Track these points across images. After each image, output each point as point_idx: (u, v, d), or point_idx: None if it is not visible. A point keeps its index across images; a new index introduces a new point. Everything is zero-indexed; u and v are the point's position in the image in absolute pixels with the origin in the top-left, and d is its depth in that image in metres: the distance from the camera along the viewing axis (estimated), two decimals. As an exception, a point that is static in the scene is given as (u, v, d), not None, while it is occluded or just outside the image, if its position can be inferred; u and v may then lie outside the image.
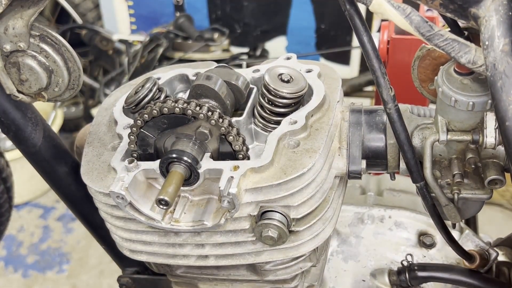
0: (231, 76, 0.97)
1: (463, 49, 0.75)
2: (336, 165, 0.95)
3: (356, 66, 3.73)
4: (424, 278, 1.32)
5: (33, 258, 3.17)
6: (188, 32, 3.60)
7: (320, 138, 0.92)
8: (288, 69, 0.98)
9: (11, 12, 0.92)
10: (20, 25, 0.92)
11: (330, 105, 0.99)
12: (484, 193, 0.92)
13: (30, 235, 3.32)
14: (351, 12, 0.80)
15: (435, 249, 1.44)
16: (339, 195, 0.99)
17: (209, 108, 0.88)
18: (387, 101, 0.84)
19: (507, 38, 0.68)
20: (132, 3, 3.83)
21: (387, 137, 0.97)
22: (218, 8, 3.82)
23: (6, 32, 0.92)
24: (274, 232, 0.87)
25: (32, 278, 3.06)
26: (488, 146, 0.84)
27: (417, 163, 0.90)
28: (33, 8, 0.93)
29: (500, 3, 0.69)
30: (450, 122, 0.89)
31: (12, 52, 0.94)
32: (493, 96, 0.69)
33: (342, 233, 1.49)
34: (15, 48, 0.94)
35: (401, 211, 1.51)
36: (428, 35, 0.75)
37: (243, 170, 0.85)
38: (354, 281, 1.40)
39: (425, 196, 0.93)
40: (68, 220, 3.38)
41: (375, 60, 0.82)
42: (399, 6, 0.75)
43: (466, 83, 0.86)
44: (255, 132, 1.00)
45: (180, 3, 3.60)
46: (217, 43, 3.55)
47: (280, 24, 3.77)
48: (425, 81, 1.01)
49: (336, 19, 3.62)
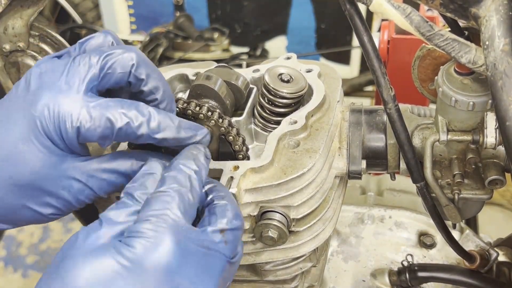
0: (231, 76, 0.97)
1: (464, 49, 0.75)
2: (336, 165, 0.95)
3: (356, 66, 3.73)
4: (424, 278, 1.31)
5: (33, 258, 3.17)
6: (188, 32, 3.60)
7: (320, 138, 0.91)
8: (288, 69, 0.98)
9: (11, 12, 0.92)
10: (19, 25, 0.92)
11: (330, 105, 0.98)
12: (484, 193, 0.92)
13: (30, 235, 3.32)
14: (351, 11, 0.79)
15: (435, 249, 1.44)
16: (339, 195, 0.99)
17: (209, 108, 0.88)
18: (387, 101, 0.84)
19: (508, 38, 0.68)
20: (132, 3, 3.83)
21: (387, 137, 0.97)
22: (218, 8, 3.82)
23: (5, 32, 0.92)
24: (274, 232, 0.86)
25: (32, 278, 3.06)
26: (489, 146, 0.84)
27: (417, 163, 0.90)
28: (32, 8, 0.93)
29: (500, 3, 0.69)
30: (450, 122, 0.89)
31: (11, 52, 0.94)
32: (494, 96, 0.69)
33: (342, 233, 1.49)
34: (15, 48, 0.94)
35: (401, 211, 1.51)
36: (428, 35, 0.75)
37: (243, 170, 0.85)
38: (354, 281, 1.40)
39: (426, 196, 0.93)
40: (68, 220, 3.38)
41: (375, 60, 0.82)
42: (399, 6, 0.75)
43: (466, 83, 0.86)
44: (255, 132, 1.00)
45: (180, 2, 3.59)
46: (217, 43, 3.55)
47: (280, 24, 3.77)
48: (425, 81, 1.01)
49: (336, 19, 3.62)
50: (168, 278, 0.62)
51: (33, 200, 0.76)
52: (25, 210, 0.76)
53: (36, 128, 0.72)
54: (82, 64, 0.74)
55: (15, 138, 0.72)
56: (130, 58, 0.75)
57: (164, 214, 0.65)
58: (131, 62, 0.75)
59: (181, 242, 0.64)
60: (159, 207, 0.66)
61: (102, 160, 0.78)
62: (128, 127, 0.73)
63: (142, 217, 0.65)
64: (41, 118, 0.72)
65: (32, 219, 0.78)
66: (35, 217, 0.78)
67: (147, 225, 0.63)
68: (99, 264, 0.61)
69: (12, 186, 0.74)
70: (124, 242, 0.63)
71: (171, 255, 0.63)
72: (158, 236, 0.63)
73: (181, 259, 0.63)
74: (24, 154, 0.73)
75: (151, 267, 0.62)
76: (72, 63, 0.75)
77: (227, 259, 0.69)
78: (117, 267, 0.61)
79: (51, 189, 0.75)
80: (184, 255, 0.64)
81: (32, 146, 0.73)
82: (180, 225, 0.65)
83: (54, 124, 0.72)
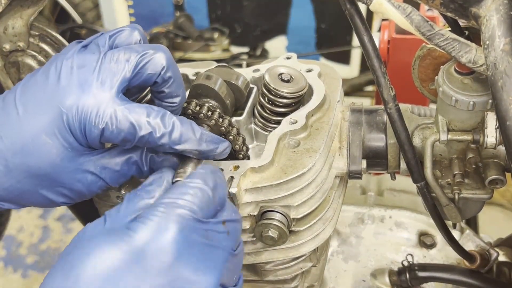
0: (231, 76, 0.97)
1: (464, 49, 0.75)
2: (337, 165, 0.95)
3: (356, 65, 3.73)
4: (424, 278, 1.32)
5: (33, 258, 3.17)
6: (188, 31, 3.60)
7: (321, 138, 0.91)
8: (288, 69, 0.98)
9: (11, 11, 0.92)
10: (19, 25, 0.92)
11: (330, 105, 0.98)
12: (484, 193, 0.92)
13: (29, 235, 3.32)
14: (352, 11, 0.79)
15: (435, 249, 1.44)
16: (339, 195, 0.98)
17: (209, 108, 0.88)
18: (388, 101, 0.84)
19: (508, 38, 0.68)
20: (132, 3, 3.83)
21: (388, 137, 0.97)
22: (218, 8, 3.82)
23: (5, 31, 0.92)
24: (274, 232, 0.86)
25: (32, 278, 3.06)
26: (489, 145, 0.84)
27: (418, 163, 0.90)
28: (32, 8, 0.93)
29: (500, 3, 0.69)
30: (450, 122, 0.89)
31: (11, 52, 0.94)
32: (494, 95, 0.69)
33: (343, 233, 1.49)
34: (15, 48, 0.94)
35: (401, 211, 1.51)
36: (428, 34, 0.75)
37: (243, 170, 0.85)
38: (354, 281, 1.40)
39: (426, 196, 0.93)
40: (67, 220, 3.38)
41: (376, 59, 0.82)
42: (400, 6, 0.75)
43: (466, 83, 0.86)
44: (255, 131, 1.00)
45: (180, 2, 3.59)
46: (217, 43, 3.55)
47: (280, 24, 3.77)
48: (426, 81, 1.01)
49: (336, 19, 3.62)
50: (171, 266, 0.62)
51: (48, 188, 0.77)
52: (38, 195, 0.77)
53: (61, 123, 0.73)
54: (114, 62, 0.75)
55: (39, 129, 0.73)
56: (161, 60, 0.76)
57: (176, 202, 0.66)
58: (162, 64, 0.76)
59: (186, 232, 0.64)
60: (174, 196, 0.67)
61: (115, 152, 0.79)
62: (150, 136, 0.74)
63: (155, 204, 0.66)
64: (68, 114, 0.73)
65: (42, 204, 0.79)
66: (46, 203, 0.79)
67: (155, 211, 0.64)
68: (103, 253, 0.61)
69: (29, 174, 0.75)
70: (129, 228, 0.63)
71: (175, 243, 0.63)
72: (163, 223, 0.64)
73: (183, 248, 0.64)
74: (45, 146, 0.73)
75: (153, 255, 0.62)
76: (103, 59, 0.75)
77: (230, 250, 0.69)
78: (119, 255, 0.61)
79: (66, 181, 0.77)
80: (187, 245, 0.64)
81: (54, 140, 0.73)
82: (189, 215, 0.66)
83: (80, 122, 0.73)
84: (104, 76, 0.74)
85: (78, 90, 0.73)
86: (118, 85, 0.74)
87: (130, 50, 0.76)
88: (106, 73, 0.74)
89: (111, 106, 0.73)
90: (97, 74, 0.74)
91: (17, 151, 0.73)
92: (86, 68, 0.74)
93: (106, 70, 0.74)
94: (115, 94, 0.74)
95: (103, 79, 0.74)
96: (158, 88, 0.79)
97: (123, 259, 0.61)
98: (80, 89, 0.73)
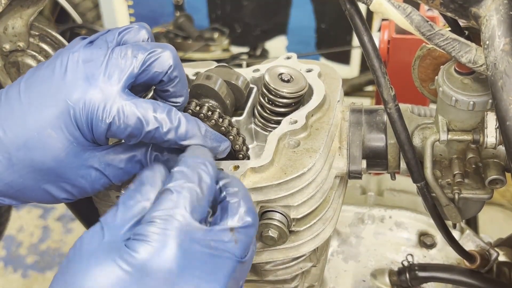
0: (231, 76, 0.97)
1: (464, 49, 0.75)
2: (337, 165, 0.95)
3: (356, 65, 3.73)
4: (424, 278, 1.32)
5: (33, 258, 3.17)
6: (188, 31, 3.60)
7: (321, 138, 0.91)
8: (288, 69, 0.98)
9: (11, 11, 0.92)
10: (19, 25, 0.92)
11: (330, 105, 0.98)
12: (484, 193, 0.92)
13: (29, 235, 3.32)
14: (352, 11, 0.79)
15: (435, 249, 1.44)
16: (340, 195, 0.98)
17: (209, 108, 0.88)
18: (388, 101, 0.84)
19: (508, 38, 0.68)
20: (132, 3, 3.83)
21: (388, 137, 0.97)
22: (218, 8, 3.82)
23: (5, 31, 0.92)
24: (274, 232, 0.86)
25: (32, 278, 3.06)
26: (489, 145, 0.84)
27: (418, 163, 0.90)
28: (32, 8, 0.93)
29: (500, 3, 0.69)
30: (450, 122, 0.89)
31: (11, 52, 0.94)
32: (494, 95, 0.69)
33: (343, 233, 1.49)
34: (15, 48, 0.94)
35: (401, 211, 1.51)
36: (428, 34, 0.75)
37: (243, 170, 0.85)
38: (354, 281, 1.40)
39: (426, 196, 0.93)
40: (67, 220, 3.38)
41: (376, 59, 0.82)
42: (400, 6, 0.75)
43: (466, 83, 0.86)
44: (255, 131, 1.00)
45: (180, 2, 3.59)
46: (217, 43, 3.55)
47: (280, 24, 3.77)
48: (426, 81, 1.01)
49: (336, 19, 3.62)
50: (173, 284, 0.61)
51: (50, 184, 0.76)
52: (40, 191, 0.76)
53: (68, 117, 0.72)
54: (121, 57, 0.74)
55: (44, 122, 0.72)
56: (169, 59, 0.76)
57: (170, 215, 0.64)
58: (169, 63, 0.76)
59: (186, 245, 0.63)
60: (165, 207, 0.64)
61: (119, 149, 0.79)
62: (157, 131, 0.74)
63: (148, 218, 0.64)
64: (75, 108, 0.72)
65: (43, 200, 0.79)
66: (47, 199, 0.78)
67: (152, 228, 0.62)
68: (103, 271, 0.60)
69: (32, 169, 0.74)
70: (128, 246, 0.62)
71: (175, 260, 0.62)
72: (163, 240, 0.62)
73: (184, 263, 0.62)
74: (50, 139, 0.72)
75: (154, 273, 0.61)
76: (111, 54, 0.75)
77: (237, 259, 0.66)
78: (120, 274, 0.60)
79: (70, 176, 0.76)
80: (188, 259, 0.63)
81: (60, 134, 0.72)
82: (186, 226, 0.64)
83: (87, 116, 0.72)
84: (111, 70, 0.73)
85: (84, 83, 0.72)
86: (125, 80, 0.74)
87: (138, 47, 0.76)
88: (113, 68, 0.74)
89: (118, 100, 0.72)
90: (104, 69, 0.73)
91: (20, 145, 0.72)
92: (93, 62, 0.74)
93: (113, 65, 0.74)
94: (122, 89, 0.73)
95: (110, 73, 0.73)
96: (163, 87, 0.79)
97: (124, 279, 0.60)
98: (87, 82, 0.72)
